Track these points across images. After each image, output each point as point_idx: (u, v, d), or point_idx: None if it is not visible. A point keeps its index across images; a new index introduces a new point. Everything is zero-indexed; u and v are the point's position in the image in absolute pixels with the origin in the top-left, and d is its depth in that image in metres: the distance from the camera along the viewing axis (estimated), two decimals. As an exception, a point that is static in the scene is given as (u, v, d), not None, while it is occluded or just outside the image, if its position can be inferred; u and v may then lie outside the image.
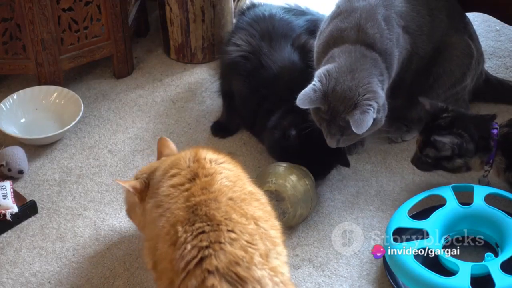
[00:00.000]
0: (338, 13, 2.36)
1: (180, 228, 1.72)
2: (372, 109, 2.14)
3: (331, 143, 2.25)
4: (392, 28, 2.30)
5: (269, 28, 2.64)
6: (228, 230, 1.68)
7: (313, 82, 2.19)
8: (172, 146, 2.14)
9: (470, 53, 2.52)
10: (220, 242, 1.65)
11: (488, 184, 2.34)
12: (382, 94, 2.19)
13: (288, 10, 2.79)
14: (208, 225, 1.69)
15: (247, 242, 1.68)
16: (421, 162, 2.34)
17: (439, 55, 2.49)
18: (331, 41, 2.30)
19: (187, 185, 1.83)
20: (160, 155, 2.12)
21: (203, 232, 1.68)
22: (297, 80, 2.45)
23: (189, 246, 1.67)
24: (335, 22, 2.33)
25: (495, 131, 2.28)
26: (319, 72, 2.21)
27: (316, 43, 2.44)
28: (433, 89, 2.51)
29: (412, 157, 2.38)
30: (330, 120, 2.20)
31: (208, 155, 1.93)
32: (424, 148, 2.31)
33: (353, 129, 2.12)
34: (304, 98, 2.16)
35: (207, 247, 1.65)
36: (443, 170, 2.33)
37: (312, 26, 2.72)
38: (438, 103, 2.34)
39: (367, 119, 2.12)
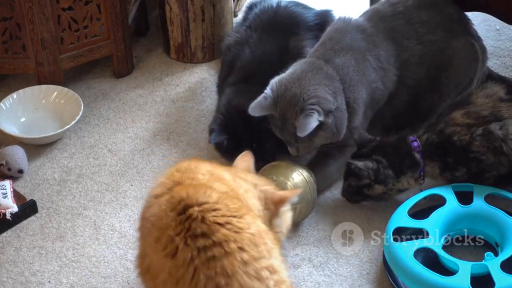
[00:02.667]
0: (323, 38, 2.45)
1: (177, 238, 1.65)
2: (315, 112, 2.21)
3: (292, 151, 2.34)
4: (364, 70, 2.36)
5: (270, 20, 2.66)
6: (239, 248, 1.62)
7: (265, 91, 2.28)
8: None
9: (475, 58, 2.51)
10: (236, 273, 1.59)
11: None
12: (330, 99, 2.25)
13: (299, 4, 2.79)
14: (213, 243, 1.61)
15: (257, 260, 1.63)
16: (348, 193, 2.34)
17: (444, 73, 2.49)
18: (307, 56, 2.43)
19: (166, 196, 1.76)
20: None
21: (213, 257, 1.60)
22: (262, 75, 2.49)
23: (202, 278, 1.59)
24: (317, 45, 2.43)
25: (415, 143, 2.27)
26: (272, 81, 2.31)
27: None
28: (443, 102, 2.52)
29: (341, 189, 2.37)
30: (283, 127, 2.29)
31: (204, 167, 1.85)
32: (346, 178, 2.32)
33: (297, 132, 2.20)
34: (255, 106, 2.26)
35: (226, 284, 1.58)
36: (368, 199, 2.32)
37: (323, 21, 2.73)
38: (366, 135, 2.35)
39: (309, 122, 2.19)
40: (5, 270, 2.22)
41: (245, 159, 2.04)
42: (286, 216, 1.97)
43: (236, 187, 1.83)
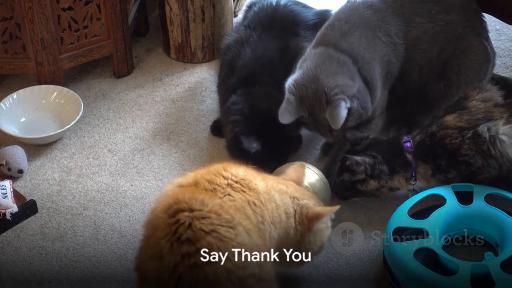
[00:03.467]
0: (330, 19, 2.45)
1: (162, 242, 1.65)
2: (342, 101, 2.22)
3: (328, 139, 2.41)
4: (375, 46, 2.37)
5: (268, 18, 2.66)
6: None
7: (286, 96, 2.28)
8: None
9: (487, 59, 2.52)
10: (219, 282, 1.61)
11: (415, 193, 2.32)
12: (350, 83, 2.26)
13: (298, 2, 2.79)
14: (197, 250, 1.62)
15: (241, 268, 1.64)
16: (340, 188, 2.34)
17: (456, 61, 2.48)
18: (314, 43, 2.42)
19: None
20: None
21: (196, 265, 1.61)
22: (263, 77, 2.52)
23: (186, 286, 1.61)
24: (324, 28, 2.43)
25: (408, 144, 2.28)
26: (287, 84, 2.30)
27: None
28: (450, 96, 2.52)
29: (332, 185, 2.37)
30: (315, 124, 2.31)
31: (235, 172, 1.85)
32: (340, 173, 2.32)
33: (331, 125, 2.22)
34: (284, 113, 2.26)
35: None
36: (360, 195, 2.33)
37: (322, 20, 2.73)
38: (358, 133, 2.37)
39: (339, 112, 2.21)
40: (5, 270, 2.22)
41: (298, 170, 2.07)
42: (321, 233, 1.98)
43: (262, 201, 1.83)
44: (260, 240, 1.74)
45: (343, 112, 2.21)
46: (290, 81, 2.31)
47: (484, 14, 2.63)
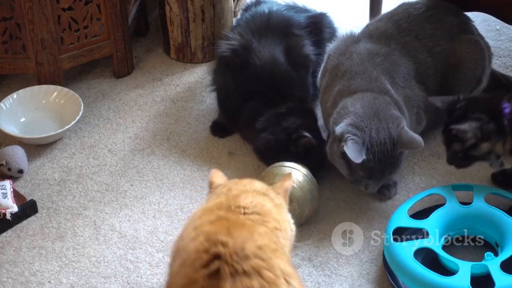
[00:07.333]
0: (342, 72, 2.40)
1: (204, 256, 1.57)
2: (405, 126, 2.23)
3: (374, 188, 2.30)
4: (397, 92, 2.37)
5: (263, 25, 2.67)
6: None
7: (349, 138, 2.17)
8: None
9: (482, 56, 2.53)
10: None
11: (501, 165, 2.25)
12: (402, 116, 2.27)
13: (291, 7, 2.80)
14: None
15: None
16: (455, 159, 2.28)
17: (454, 78, 2.51)
18: (338, 96, 2.36)
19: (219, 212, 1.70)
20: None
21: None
22: (280, 80, 2.54)
23: None
24: (343, 82, 2.38)
25: (507, 110, 2.18)
26: (346, 129, 2.20)
27: (321, 95, 2.52)
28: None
29: (446, 158, 2.32)
30: (380, 167, 2.22)
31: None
32: (450, 145, 2.26)
33: (415, 148, 2.25)
34: (356, 151, 2.15)
35: None
36: (475, 160, 2.26)
37: (315, 22, 2.74)
38: (449, 97, 2.30)
39: (411, 134, 2.21)
40: (5, 270, 2.22)
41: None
42: None
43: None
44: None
45: (413, 133, 2.22)
46: (348, 126, 2.21)
47: (484, 14, 2.64)
